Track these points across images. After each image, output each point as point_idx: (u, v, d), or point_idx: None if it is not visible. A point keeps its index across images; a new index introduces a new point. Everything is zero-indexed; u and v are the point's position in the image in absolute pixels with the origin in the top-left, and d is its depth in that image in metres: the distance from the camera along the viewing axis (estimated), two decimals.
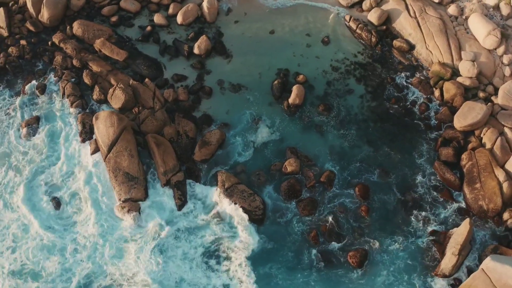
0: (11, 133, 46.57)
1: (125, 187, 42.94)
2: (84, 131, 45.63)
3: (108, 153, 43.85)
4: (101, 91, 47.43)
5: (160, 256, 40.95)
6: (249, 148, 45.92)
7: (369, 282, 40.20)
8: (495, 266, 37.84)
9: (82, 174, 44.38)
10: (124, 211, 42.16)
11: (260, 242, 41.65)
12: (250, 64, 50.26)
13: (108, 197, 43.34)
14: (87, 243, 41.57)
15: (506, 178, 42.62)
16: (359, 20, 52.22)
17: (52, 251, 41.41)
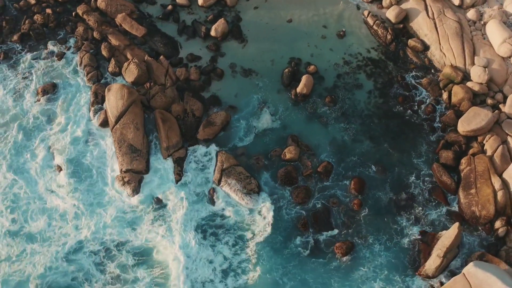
0: (27, 96, 47.91)
1: (128, 158, 43.94)
2: (96, 101, 46.78)
3: (115, 124, 44.85)
4: (117, 64, 48.42)
5: (156, 226, 42.14)
6: (251, 132, 46.34)
7: (350, 273, 40.33)
8: (476, 272, 37.55)
9: (90, 142, 45.47)
10: (124, 181, 43.22)
11: (248, 224, 42.17)
12: (264, 51, 50.38)
13: (111, 167, 44.46)
14: (86, 210, 42.67)
15: (502, 187, 41.97)
16: (377, 16, 51.68)
17: (52, 215, 42.71)
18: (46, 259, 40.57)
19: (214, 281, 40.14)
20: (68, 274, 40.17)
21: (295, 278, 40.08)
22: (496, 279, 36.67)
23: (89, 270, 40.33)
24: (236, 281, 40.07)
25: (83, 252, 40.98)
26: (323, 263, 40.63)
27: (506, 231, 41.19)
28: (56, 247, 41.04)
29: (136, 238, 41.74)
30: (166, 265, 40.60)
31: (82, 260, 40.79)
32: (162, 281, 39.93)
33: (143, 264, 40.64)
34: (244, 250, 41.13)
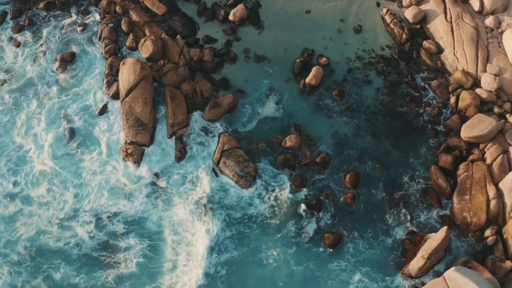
0: (45, 63, 49.19)
1: (133, 130, 44.76)
2: (110, 73, 47.80)
3: (125, 97, 45.70)
4: (135, 39, 49.15)
5: (152, 199, 43.07)
6: (255, 118, 46.52)
7: (332, 263, 40.44)
8: (456, 277, 37.21)
9: (100, 112, 46.46)
10: (127, 152, 44.21)
11: (243, 206, 42.74)
12: (278, 39, 50.25)
13: (117, 138, 45.48)
14: (88, 178, 43.89)
15: (496, 196, 41.16)
16: (395, 15, 50.76)
17: (53, 181, 44.02)
18: (40, 223, 41.93)
19: (206, 257, 40.71)
20: (60, 239, 41.47)
21: (279, 259, 40.47)
22: (474, 286, 36.32)
23: (81, 238, 41.47)
24: (219, 258, 40.62)
25: (78, 220, 42.15)
26: (308, 249, 40.86)
27: (495, 241, 40.51)
28: (53, 212, 42.34)
29: (131, 209, 42.60)
30: (159, 236, 41.45)
31: (76, 227, 41.95)
32: (152, 249, 40.88)
33: (135, 233, 41.52)
34: (232, 228, 41.72)
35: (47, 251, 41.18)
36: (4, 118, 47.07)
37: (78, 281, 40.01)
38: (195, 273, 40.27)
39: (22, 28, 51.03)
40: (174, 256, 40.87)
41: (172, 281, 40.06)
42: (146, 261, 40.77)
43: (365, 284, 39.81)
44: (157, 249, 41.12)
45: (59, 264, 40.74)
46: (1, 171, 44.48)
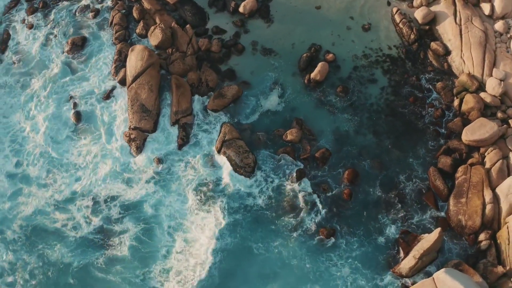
0: (56, 46, 49.88)
1: (138, 116, 45.14)
2: (119, 59, 48.21)
3: (132, 83, 46.05)
4: (145, 26, 49.49)
5: (151, 185, 43.49)
6: (259, 110, 46.57)
7: (325, 257, 40.59)
8: (445, 278, 37.02)
9: (106, 97, 47.01)
10: (130, 138, 44.63)
11: (240, 196, 42.94)
12: (287, 33, 50.15)
13: (121, 123, 45.92)
14: (89, 162, 44.55)
15: (492, 201, 40.79)
16: (405, 15, 50.20)
17: (55, 163, 44.80)
18: (38, 203, 42.71)
19: (202, 244, 41.24)
20: (57, 221, 42.21)
21: (273, 249, 40.81)
22: None
23: (78, 221, 42.16)
24: (215, 245, 40.86)
25: (75, 203, 42.88)
26: (302, 242, 41.06)
27: (489, 245, 40.15)
28: (51, 194, 43.10)
29: (130, 193, 43.16)
30: (156, 221, 41.93)
31: (74, 210, 42.64)
32: (147, 234, 41.45)
33: (132, 217, 42.10)
34: (229, 217, 41.96)
35: (43, 231, 41.88)
36: (11, 99, 47.98)
37: (72, 260, 40.54)
38: (190, 260, 40.61)
39: (36, 10, 51.81)
40: (170, 243, 41.29)
41: (165, 267, 40.46)
42: (139, 246, 41.27)
43: (354, 279, 39.83)
44: (152, 234, 41.70)
45: (55, 244, 41.41)
46: (5, 152, 45.31)
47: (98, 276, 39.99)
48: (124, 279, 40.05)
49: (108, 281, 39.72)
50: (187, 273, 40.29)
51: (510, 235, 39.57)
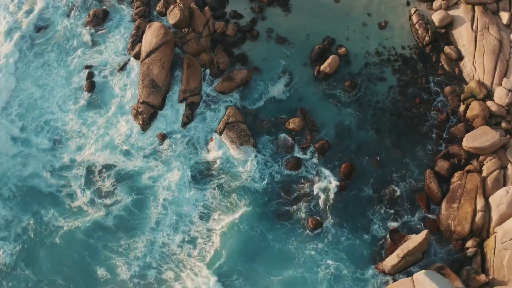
0: (76, 17, 50.39)
1: (147, 91, 45.67)
2: (136, 34, 48.55)
3: (145, 58, 46.48)
4: (165, 5, 49.63)
5: (151, 159, 44.11)
6: (266, 96, 46.49)
7: (310, 245, 40.82)
8: (424, 280, 36.73)
9: (120, 69, 47.58)
10: (137, 111, 45.20)
11: (236, 178, 43.19)
12: (303, 23, 49.69)
13: (130, 96, 46.47)
14: (94, 132, 45.21)
15: (483, 209, 40.11)
16: (422, 16, 49.17)
17: (59, 131, 45.58)
18: (36, 166, 43.70)
19: (193, 221, 41.97)
20: (52, 186, 43.20)
21: (259, 232, 41.15)
22: None
23: (73, 189, 43.09)
24: (205, 223, 41.64)
25: (72, 171, 43.72)
26: (289, 228, 41.34)
27: (475, 253, 39.61)
28: (50, 159, 44.12)
29: (129, 165, 43.79)
30: (151, 193, 42.65)
31: (70, 177, 43.50)
32: (138, 206, 42.28)
33: (127, 187, 42.89)
34: (225, 198, 42.44)
35: (38, 194, 42.91)
36: (26, 65, 48.52)
37: (62, 224, 41.61)
38: (177, 236, 41.31)
39: None
40: (162, 215, 41.89)
41: (149, 237, 41.20)
42: (130, 216, 41.99)
43: (336, 270, 39.86)
44: (144, 206, 42.34)
45: (49, 207, 42.43)
46: (11, 116, 46.04)
47: (84, 240, 40.91)
48: (106, 247, 40.90)
49: (92, 246, 40.67)
50: (173, 247, 40.96)
51: (496, 245, 39.00)
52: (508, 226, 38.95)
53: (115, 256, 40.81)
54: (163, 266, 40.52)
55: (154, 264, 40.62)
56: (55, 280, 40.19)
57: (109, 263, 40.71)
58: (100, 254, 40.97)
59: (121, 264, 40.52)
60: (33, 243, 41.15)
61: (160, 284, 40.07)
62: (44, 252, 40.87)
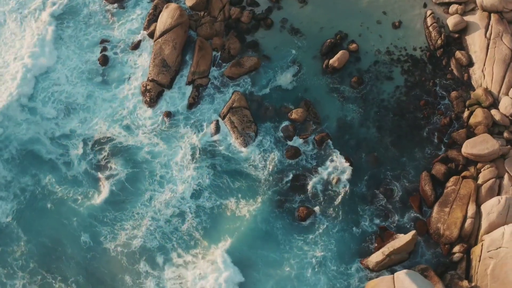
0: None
1: (157, 69, 46.11)
2: (153, 13, 49.09)
3: (159, 37, 46.94)
4: None
5: (152, 136, 44.66)
6: (272, 84, 46.41)
7: (299, 234, 40.95)
8: (405, 279, 36.54)
9: (134, 46, 48.23)
10: (146, 88, 45.74)
11: (234, 161, 43.53)
12: (318, 16, 49.31)
13: (141, 74, 46.97)
14: (99, 104, 45.97)
15: (474, 216, 39.49)
16: (437, 19, 48.27)
17: (66, 100, 46.44)
18: (38, 131, 44.68)
19: (184, 197, 42.40)
20: (51, 153, 44.10)
21: (250, 216, 41.41)
22: None
23: (71, 158, 43.98)
24: (198, 201, 42.02)
25: (72, 141, 44.58)
26: (279, 215, 41.49)
27: (461, 258, 39.05)
28: (52, 127, 45.03)
29: (130, 140, 44.45)
30: (149, 167, 43.35)
31: (69, 146, 44.35)
32: (131, 181, 42.99)
33: (124, 161, 43.65)
34: (218, 179, 42.79)
35: (38, 159, 43.93)
36: (37, 36, 49.27)
37: (56, 191, 42.69)
38: (168, 210, 41.86)
39: None
40: (156, 192, 42.44)
41: (139, 211, 41.86)
42: (122, 189, 42.68)
43: (321, 261, 39.87)
44: (139, 180, 42.93)
45: (46, 173, 43.40)
46: (21, 84, 46.85)
47: (74, 208, 41.99)
48: (93, 216, 41.86)
49: (81, 215, 41.71)
50: (161, 222, 41.50)
51: (482, 252, 38.37)
52: (496, 235, 38.35)
53: (99, 225, 41.68)
54: (148, 238, 41.16)
55: (139, 235, 41.26)
56: (43, 242, 41.27)
57: (95, 231, 41.55)
58: (87, 222, 41.87)
59: (107, 233, 41.33)
60: (27, 205, 42.30)
61: (143, 254, 40.68)
62: (36, 214, 42.04)
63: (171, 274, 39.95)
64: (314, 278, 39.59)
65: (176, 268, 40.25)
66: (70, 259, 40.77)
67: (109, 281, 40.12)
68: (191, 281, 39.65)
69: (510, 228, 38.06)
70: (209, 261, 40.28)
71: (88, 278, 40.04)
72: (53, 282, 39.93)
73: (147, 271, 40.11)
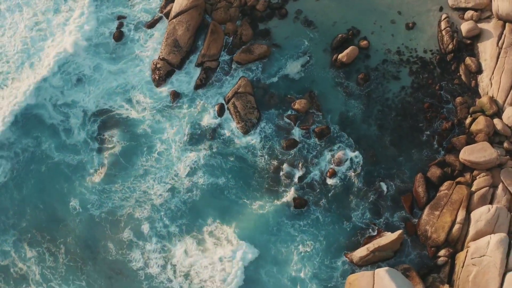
0: None
1: (168, 49, 46.39)
2: None
3: (173, 18, 47.23)
4: None
5: (154, 112, 45.21)
6: (280, 74, 46.23)
7: (290, 221, 41.22)
8: (384, 276, 36.47)
9: (149, 26, 48.66)
10: (156, 66, 46.13)
11: (232, 145, 43.78)
12: (332, 11, 48.69)
13: (153, 51, 47.35)
14: (105, 77, 46.57)
15: (462, 222, 38.99)
16: (452, 24, 47.18)
17: (76, 70, 47.17)
18: (44, 98, 45.56)
19: (178, 175, 42.97)
20: (53, 118, 45.05)
21: (242, 197, 41.99)
22: None
23: (71, 125, 44.87)
24: (192, 179, 42.54)
25: (73, 110, 45.36)
26: (272, 201, 41.75)
27: (445, 262, 38.76)
28: (56, 94, 45.98)
29: (132, 113, 45.12)
30: (148, 141, 44.08)
31: (70, 114, 45.15)
32: (132, 153, 43.92)
33: (124, 135, 44.37)
34: (214, 160, 43.22)
35: (41, 123, 44.94)
36: (51, 11, 50.13)
37: (53, 156, 43.80)
38: (160, 186, 42.43)
39: None
40: (152, 167, 43.07)
41: (131, 184, 42.63)
42: (117, 162, 43.56)
43: (307, 248, 40.12)
44: (135, 154, 43.66)
45: (47, 138, 44.50)
46: (34, 55, 47.92)
47: (68, 175, 43.10)
48: (85, 185, 42.81)
49: (73, 182, 42.84)
50: (152, 195, 42.22)
51: (466, 259, 37.92)
52: (481, 243, 37.81)
53: (88, 194, 42.60)
54: (136, 208, 41.94)
55: (127, 205, 42.16)
56: (35, 203, 42.50)
57: (84, 199, 42.54)
58: (77, 190, 42.86)
59: (94, 201, 42.24)
60: (25, 166, 43.51)
61: (128, 223, 41.59)
62: (32, 176, 43.30)
63: (155, 246, 40.82)
64: (299, 265, 39.80)
65: (160, 239, 41.08)
66: (59, 222, 42.11)
67: (93, 246, 41.20)
68: (174, 251, 40.60)
69: (496, 237, 37.70)
70: (193, 236, 41.02)
71: (77, 242, 41.18)
72: (42, 241, 41.21)
73: (132, 239, 41.05)
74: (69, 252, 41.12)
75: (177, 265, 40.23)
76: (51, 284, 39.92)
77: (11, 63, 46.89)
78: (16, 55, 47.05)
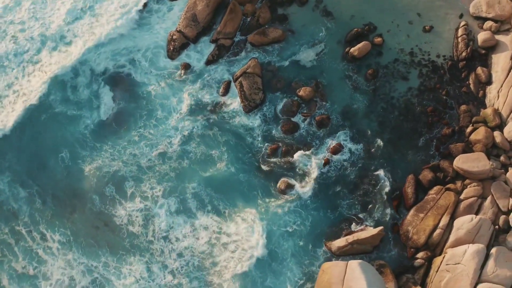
0: None
1: (186, 22, 46.57)
2: None
3: None
4: None
5: (162, 81, 45.57)
6: (290, 59, 45.80)
7: (277, 199, 41.27)
8: (356, 268, 36.31)
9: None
10: (172, 37, 46.41)
11: (232, 120, 43.90)
12: (352, 4, 47.83)
13: (172, 24, 47.74)
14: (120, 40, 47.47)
15: (444, 228, 38.29)
16: (469, 32, 45.82)
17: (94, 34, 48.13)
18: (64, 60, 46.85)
19: (172, 143, 43.37)
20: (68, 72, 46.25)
21: (231, 171, 42.09)
22: (364, 283, 35.37)
23: (79, 84, 45.77)
24: (186, 146, 43.01)
25: (84, 68, 46.40)
26: (260, 179, 41.83)
27: (422, 265, 38.16)
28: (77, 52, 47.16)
29: (137, 77, 45.79)
30: (148, 108, 44.59)
31: (80, 72, 46.22)
32: (129, 118, 44.46)
33: (127, 97, 45.15)
34: (211, 134, 43.39)
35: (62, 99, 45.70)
36: None
37: (56, 106, 44.99)
38: (152, 150, 43.00)
39: None
40: (146, 134, 43.58)
41: (123, 147, 43.29)
42: (112, 123, 44.24)
43: (292, 230, 39.99)
44: (132, 121, 44.15)
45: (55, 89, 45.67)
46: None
47: (64, 127, 44.16)
48: (80, 142, 43.62)
49: (67, 139, 43.80)
50: (143, 160, 42.79)
51: (442, 264, 37.37)
52: (458, 251, 37.07)
53: (82, 151, 43.43)
54: (126, 165, 42.65)
55: (117, 162, 42.86)
56: (31, 150, 43.67)
57: (76, 155, 43.39)
58: (69, 143, 43.73)
59: (85, 156, 43.29)
60: (26, 116, 44.84)
61: (114, 179, 42.38)
62: (31, 124, 44.40)
63: (138, 205, 41.57)
64: (282, 248, 39.81)
65: (143, 200, 41.78)
66: (50, 170, 43.07)
67: (81, 197, 42.12)
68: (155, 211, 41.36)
69: (474, 247, 36.92)
70: (176, 197, 41.62)
71: (65, 191, 42.20)
72: (33, 185, 42.33)
73: (114, 196, 41.92)
74: (57, 199, 42.15)
75: (157, 228, 40.85)
76: (38, 227, 41.25)
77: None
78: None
